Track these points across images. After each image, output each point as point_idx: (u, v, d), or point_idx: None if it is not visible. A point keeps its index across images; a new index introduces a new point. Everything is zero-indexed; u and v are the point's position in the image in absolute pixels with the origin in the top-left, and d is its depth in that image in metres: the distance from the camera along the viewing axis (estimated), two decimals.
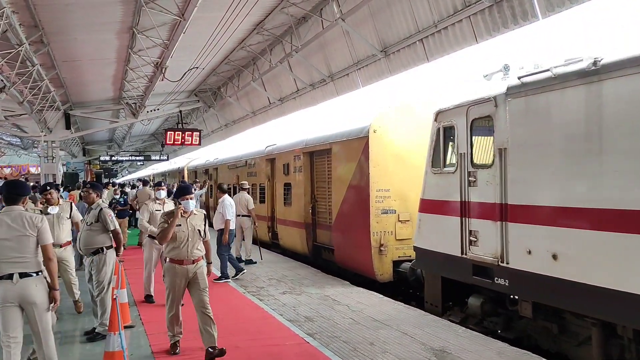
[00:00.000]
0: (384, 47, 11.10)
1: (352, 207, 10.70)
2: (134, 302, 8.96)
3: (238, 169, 19.13)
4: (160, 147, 35.18)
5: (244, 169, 18.47)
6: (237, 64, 17.53)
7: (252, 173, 17.60)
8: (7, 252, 4.86)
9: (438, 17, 9.12)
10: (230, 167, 20.17)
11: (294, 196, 13.65)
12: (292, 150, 13.78)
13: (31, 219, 5.02)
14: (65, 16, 10.40)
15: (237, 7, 9.42)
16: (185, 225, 6.15)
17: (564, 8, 6.76)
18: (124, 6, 10.12)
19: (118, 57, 13.97)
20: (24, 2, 9.26)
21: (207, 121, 26.99)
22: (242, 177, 18.00)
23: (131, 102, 19.89)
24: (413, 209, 9.18)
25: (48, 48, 12.05)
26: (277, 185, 15.09)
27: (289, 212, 13.97)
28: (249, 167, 17.88)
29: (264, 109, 19.60)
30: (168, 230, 6.06)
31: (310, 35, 12.53)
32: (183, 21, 9.49)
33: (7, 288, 4.86)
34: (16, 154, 37.86)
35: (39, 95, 15.13)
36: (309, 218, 12.89)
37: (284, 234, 14.62)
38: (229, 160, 20.77)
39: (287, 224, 14.15)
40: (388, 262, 9.87)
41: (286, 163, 14.13)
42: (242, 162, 18.68)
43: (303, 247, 13.22)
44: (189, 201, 6.20)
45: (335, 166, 11.48)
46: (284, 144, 14.77)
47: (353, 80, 12.90)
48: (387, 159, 9.93)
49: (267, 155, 16.05)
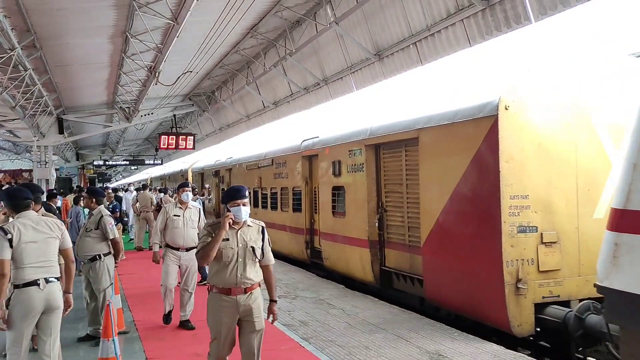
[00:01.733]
0: (378, 50, 11.13)
1: (463, 222, 7.50)
2: (128, 307, 8.90)
3: (261, 170, 15.84)
4: (154, 151, 35.08)
5: (268, 170, 15.20)
6: (231, 67, 17.53)
7: (280, 174, 14.31)
8: (33, 256, 4.72)
9: (431, 21, 9.15)
10: (250, 167, 17.00)
11: (349, 203, 10.33)
12: (347, 144, 10.40)
13: (54, 222, 4.99)
14: (58, 20, 10.35)
15: (230, 11, 9.41)
16: (235, 240, 4.53)
17: (557, 11, 6.80)
18: (117, 10, 10.10)
19: (111, 61, 13.93)
20: (16, 7, 9.21)
21: (201, 125, 26.95)
22: (267, 179, 15.29)
23: (125, 106, 19.83)
24: (563, 225, 6.82)
25: (40, 52, 11.99)
26: (322, 190, 11.72)
27: (341, 224, 10.67)
28: (277, 166, 14.49)
29: (258, 113, 19.60)
30: (211, 246, 4.41)
31: (304, 39, 12.55)
32: (176, 25, 9.47)
33: (33, 295, 4.68)
34: (9, 158, 37.65)
35: (31, 100, 15.05)
36: (373, 234, 9.56)
37: (332, 252, 11.18)
38: (248, 159, 17.31)
39: (338, 240, 10.85)
40: (528, 305, 6.69)
41: (336, 160, 10.81)
42: (267, 161, 15.26)
43: (364, 272, 9.85)
44: (241, 208, 4.52)
45: (427, 162, 8.14)
46: (333, 136, 11.31)
47: (347, 83, 12.93)
48: (525, 150, 6.74)
49: (304, 151, 12.64)
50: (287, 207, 13.61)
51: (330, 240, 11.19)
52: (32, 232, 4.76)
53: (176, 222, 7.55)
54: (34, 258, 4.72)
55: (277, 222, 14.10)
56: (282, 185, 14.04)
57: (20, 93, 13.90)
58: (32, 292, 4.68)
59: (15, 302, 4.68)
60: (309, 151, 12.41)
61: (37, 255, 4.74)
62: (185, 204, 7.72)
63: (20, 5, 9.14)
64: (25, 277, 4.67)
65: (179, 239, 7.56)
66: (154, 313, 8.69)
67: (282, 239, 13.63)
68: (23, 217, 4.85)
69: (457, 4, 8.43)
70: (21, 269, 4.68)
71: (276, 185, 14.61)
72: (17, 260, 4.66)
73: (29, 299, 4.66)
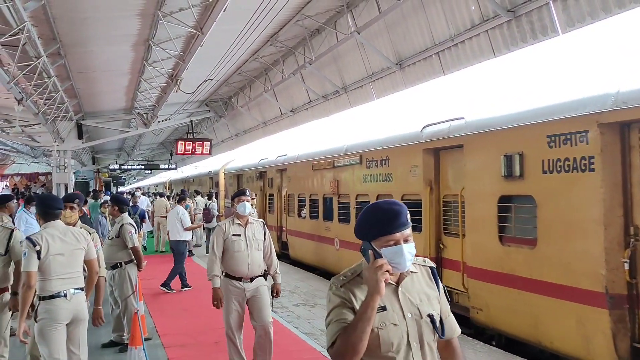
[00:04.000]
0: (400, 59, 11.13)
1: None
2: (149, 313, 8.98)
3: (339, 170, 12.27)
4: (169, 155, 35.33)
5: (353, 169, 11.59)
6: (249, 74, 17.61)
7: (377, 176, 10.55)
8: (60, 268, 4.70)
9: (455, 31, 9.14)
10: (319, 166, 13.29)
11: (548, 224, 6.44)
12: (546, 124, 6.47)
13: (80, 233, 4.99)
14: (83, 28, 10.48)
15: (255, 21, 9.47)
16: (396, 304, 2.40)
17: (585, 23, 6.78)
18: (141, 19, 10.20)
19: (132, 68, 14.06)
20: (44, 16, 9.35)
21: (217, 131, 27.09)
22: (349, 182, 11.79)
23: (143, 112, 20.01)
24: None
25: (65, 60, 12.15)
26: (471, 200, 7.84)
27: (525, 259, 6.79)
28: (371, 164, 10.79)
29: (275, 120, 19.66)
30: (360, 332, 2.24)
31: (324, 47, 12.58)
32: (201, 35, 9.55)
33: (60, 306, 4.66)
34: (26, 162, 38.09)
35: (53, 106, 15.24)
36: (618, 282, 5.68)
37: (495, 303, 7.36)
38: (313, 155, 13.66)
39: (514, 284, 6.93)
40: None
41: (512, 154, 6.91)
42: (351, 158, 11.71)
43: (588, 349, 5.89)
44: (402, 248, 2.30)
45: None
46: (499, 115, 7.51)
47: (367, 92, 12.93)
48: None
49: (427, 141, 8.95)
50: None
51: (492, 281, 7.30)
52: (60, 244, 4.75)
53: (237, 243, 5.83)
54: (60, 270, 4.71)
55: None
56: (379, 191, 10.29)
57: (43, 100, 14.08)
58: (59, 302, 4.67)
59: (43, 314, 4.65)
60: (439, 141, 8.66)
61: (63, 267, 4.73)
62: (245, 219, 5.98)
63: (48, 14, 9.28)
64: (52, 289, 4.67)
65: (242, 265, 5.81)
66: (174, 319, 8.78)
67: None
68: (50, 227, 4.85)
69: (482, 15, 8.42)
70: (48, 281, 4.67)
71: (367, 192, 10.93)
72: (44, 272, 4.65)
73: (56, 310, 4.65)
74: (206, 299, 9.78)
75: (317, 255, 13.86)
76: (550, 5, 7.17)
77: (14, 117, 15.78)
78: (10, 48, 9.72)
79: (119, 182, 54.09)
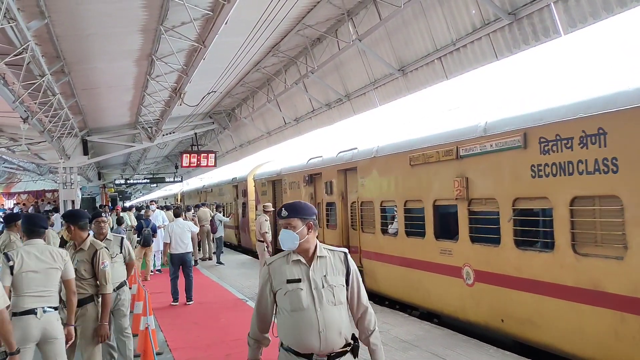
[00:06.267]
0: (402, 66, 11.15)
1: None
2: (159, 327, 8.96)
3: (466, 162, 7.71)
4: (174, 168, 35.44)
5: (488, 160, 7.28)
6: (252, 85, 17.68)
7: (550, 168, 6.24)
8: (34, 286, 4.74)
9: (456, 36, 9.15)
10: (424, 159, 8.72)
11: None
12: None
13: (59, 253, 5.01)
14: (86, 46, 10.57)
15: (257, 32, 9.52)
16: None
17: (587, 24, 6.77)
18: (143, 35, 10.27)
19: (136, 83, 14.15)
20: (47, 35, 9.43)
21: (222, 142, 27.17)
22: (489, 180, 7.33)
23: (147, 126, 20.10)
24: None
25: (69, 77, 12.24)
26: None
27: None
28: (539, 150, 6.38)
29: (279, 129, 19.70)
30: None
31: (326, 56, 12.62)
32: (203, 48, 9.60)
33: (29, 324, 4.67)
34: (32, 179, 38.28)
35: (59, 124, 15.33)
36: None
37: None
38: (410, 144, 9.25)
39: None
40: None
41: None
42: (483, 143, 7.28)
43: None
44: None
45: None
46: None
47: (370, 99, 12.96)
48: None
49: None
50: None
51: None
52: (35, 262, 4.80)
53: (295, 296, 3.26)
54: (33, 287, 4.75)
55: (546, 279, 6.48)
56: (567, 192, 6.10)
57: (48, 117, 14.17)
58: (29, 320, 4.68)
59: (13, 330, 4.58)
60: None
61: (36, 285, 4.77)
62: (307, 251, 3.36)
63: (51, 33, 9.36)
64: (23, 306, 4.70)
65: (307, 333, 3.22)
66: (185, 332, 8.74)
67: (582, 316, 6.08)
68: (30, 244, 4.94)
69: (483, 19, 8.44)
70: (20, 297, 4.71)
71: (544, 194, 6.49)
72: (17, 288, 4.71)
73: (26, 327, 4.66)
74: (216, 312, 9.71)
75: (420, 291, 9.27)
76: (551, 6, 7.17)
77: (19, 135, 15.89)
78: (14, 67, 9.80)
79: (125, 197, 54.22)
